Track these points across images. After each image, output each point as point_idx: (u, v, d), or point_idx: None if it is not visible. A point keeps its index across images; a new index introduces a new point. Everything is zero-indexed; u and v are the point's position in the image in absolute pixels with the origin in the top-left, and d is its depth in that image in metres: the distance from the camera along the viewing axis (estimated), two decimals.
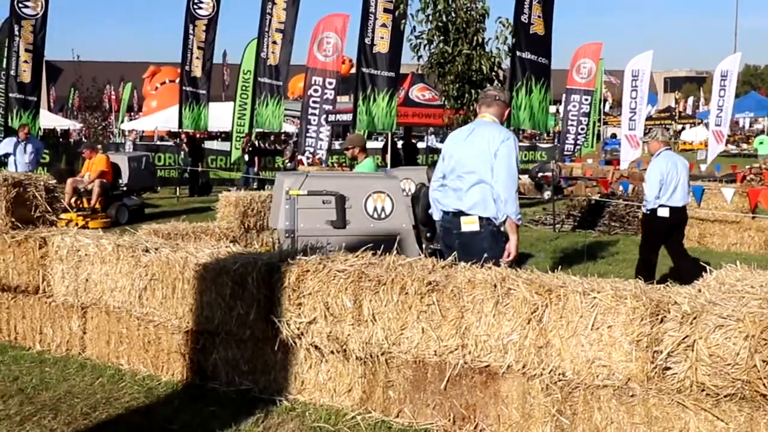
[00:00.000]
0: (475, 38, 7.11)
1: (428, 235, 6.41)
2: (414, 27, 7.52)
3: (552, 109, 40.33)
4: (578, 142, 23.30)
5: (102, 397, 5.06)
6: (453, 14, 7.08)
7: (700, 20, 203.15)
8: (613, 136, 41.49)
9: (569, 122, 22.75)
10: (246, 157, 20.15)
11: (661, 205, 7.95)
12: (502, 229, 5.45)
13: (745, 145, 44.31)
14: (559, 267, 6.94)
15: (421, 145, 28.42)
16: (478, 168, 5.36)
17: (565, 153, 22.84)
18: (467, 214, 5.42)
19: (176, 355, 5.35)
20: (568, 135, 23.03)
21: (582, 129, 23.18)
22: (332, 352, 4.82)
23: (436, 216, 5.72)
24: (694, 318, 3.90)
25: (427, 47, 7.29)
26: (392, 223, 6.21)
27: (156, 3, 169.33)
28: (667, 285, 4.39)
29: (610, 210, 14.12)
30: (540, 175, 20.03)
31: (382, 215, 6.20)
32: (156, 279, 5.34)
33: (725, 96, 26.12)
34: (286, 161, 20.87)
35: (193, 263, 5.16)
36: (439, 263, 4.87)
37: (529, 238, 12.88)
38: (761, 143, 32.62)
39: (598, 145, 32.39)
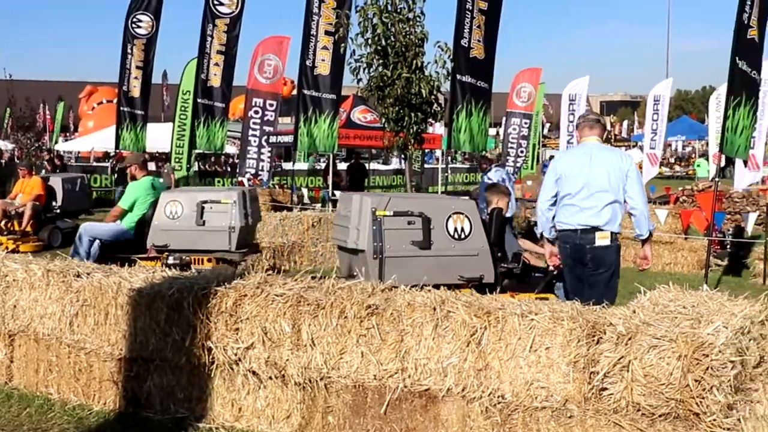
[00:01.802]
0: (414, 62, 7.15)
1: (499, 254, 6.55)
2: (353, 50, 7.55)
3: (492, 131, 40.93)
4: (518, 164, 23.61)
5: (29, 429, 4.87)
6: (392, 38, 7.12)
7: (633, 46, 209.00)
8: (552, 158, 42.15)
9: (509, 145, 23.06)
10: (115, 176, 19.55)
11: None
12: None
13: (678, 168, 45.47)
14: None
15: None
16: (612, 186, 5.78)
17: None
18: (601, 230, 5.78)
19: (108, 383, 5.20)
20: (508, 157, 23.33)
21: (522, 151, 23.52)
22: (270, 377, 4.74)
23: (548, 233, 6.08)
24: (629, 339, 3.96)
25: (366, 70, 7.31)
26: (472, 244, 6.30)
27: (94, 21, 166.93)
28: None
29: None
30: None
31: (462, 236, 6.29)
32: (88, 305, 5.20)
33: (658, 120, 26.79)
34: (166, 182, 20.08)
35: (127, 288, 5.04)
36: (378, 287, 4.85)
37: None
38: (699, 166, 33.51)
39: (538, 167, 32.89)
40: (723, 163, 30.76)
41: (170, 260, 7.52)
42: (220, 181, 21.63)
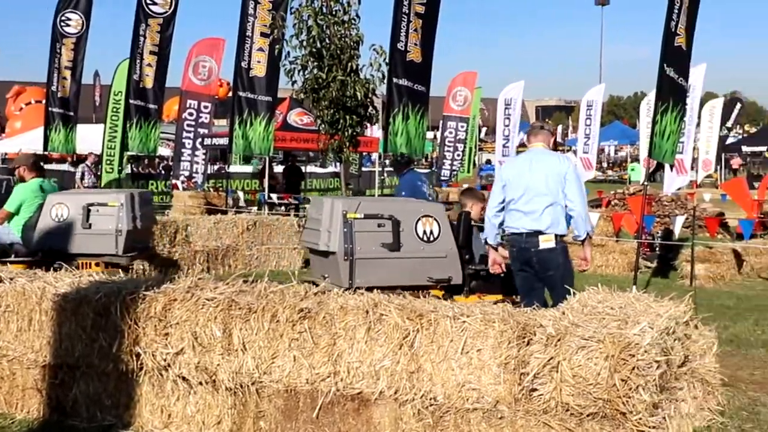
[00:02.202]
0: (350, 65, 7.13)
1: (467, 257, 6.61)
2: (288, 52, 7.49)
3: (429, 135, 41.19)
4: (454, 167, 23.82)
5: None
6: (327, 40, 7.09)
7: (568, 52, 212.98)
8: (488, 162, 42.62)
9: (446, 148, 23.26)
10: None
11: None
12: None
13: (611, 172, 46.48)
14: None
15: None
16: (551, 190, 5.91)
17: (442, 178, 23.29)
18: (544, 233, 5.91)
19: (32, 391, 5.04)
20: (444, 161, 23.53)
21: (458, 155, 23.74)
22: (201, 383, 4.67)
23: (492, 240, 6.17)
24: (559, 340, 4.01)
25: (301, 72, 7.28)
26: (440, 246, 6.39)
27: (22, 20, 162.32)
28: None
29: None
30: None
31: (431, 238, 6.38)
32: (10, 311, 5.03)
33: (591, 125, 27.38)
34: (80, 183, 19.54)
35: (52, 293, 4.90)
36: (311, 290, 4.82)
37: None
38: (633, 170, 34.33)
39: (474, 171, 33.24)
40: (653, 168, 31.60)
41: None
42: (153, 183, 21.20)
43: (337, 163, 8.78)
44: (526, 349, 4.08)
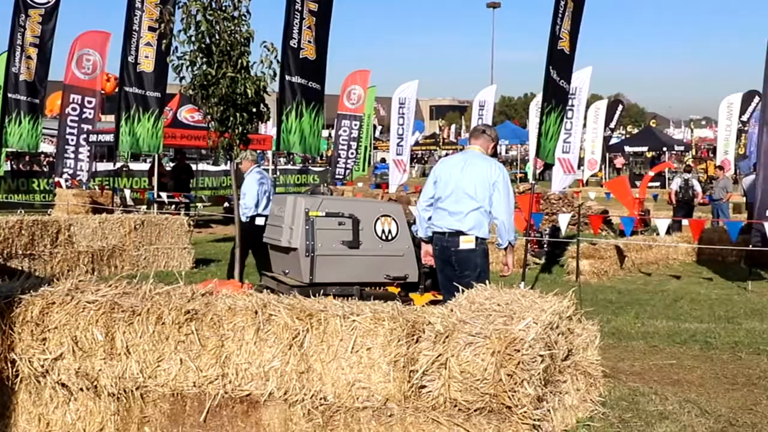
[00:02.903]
0: (240, 61, 7.00)
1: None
2: (176, 47, 7.30)
3: (325, 133, 41.14)
4: (349, 165, 23.87)
5: None
6: (217, 36, 6.94)
7: (461, 52, 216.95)
8: (383, 160, 42.95)
9: (340, 146, 23.29)
10: None
11: (258, 215, 8.93)
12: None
13: None
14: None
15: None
16: (477, 195, 5.99)
17: (337, 176, 23.31)
18: (466, 234, 6.00)
19: None
20: (339, 159, 23.55)
21: (352, 153, 23.80)
22: (82, 389, 4.48)
23: (423, 233, 6.24)
24: (447, 337, 4.06)
25: (189, 68, 7.09)
26: (398, 245, 6.65)
27: None
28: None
29: None
30: None
31: (389, 237, 6.64)
32: None
33: None
34: None
35: None
36: (198, 291, 4.71)
37: None
38: (529, 169, 35.17)
39: (369, 169, 33.42)
40: (542, 168, 32.56)
41: None
42: (35, 181, 20.29)
43: (227, 161, 8.61)
44: (415, 347, 4.11)
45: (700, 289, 10.73)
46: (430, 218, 6.24)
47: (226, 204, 17.24)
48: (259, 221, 8.77)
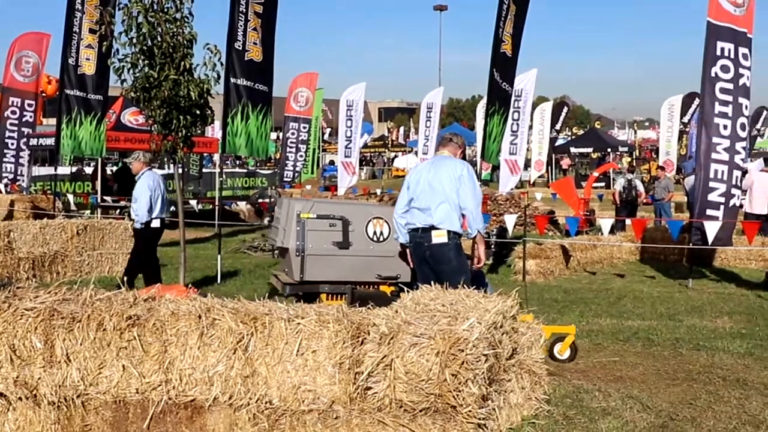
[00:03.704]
0: (183, 63, 6.92)
1: None
2: (117, 49, 7.19)
3: (273, 135, 40.89)
4: (297, 168, 23.75)
5: None
6: (159, 38, 6.84)
7: (409, 55, 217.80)
8: (332, 162, 42.93)
9: (288, 149, 23.15)
10: None
11: (154, 218, 9.04)
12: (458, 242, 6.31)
13: None
14: (277, 293, 7.02)
15: None
16: (445, 190, 6.20)
17: (285, 179, 23.18)
18: (438, 228, 6.17)
19: None
20: (287, 162, 23.41)
21: (301, 156, 23.68)
22: (20, 398, 4.39)
23: (403, 238, 6.43)
24: (392, 338, 4.07)
25: (131, 71, 6.98)
26: (389, 246, 6.83)
27: None
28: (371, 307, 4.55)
29: None
30: (259, 201, 20.13)
31: (381, 238, 6.89)
32: None
33: (431, 126, 28.14)
34: None
35: None
36: (141, 296, 4.65)
37: (248, 265, 12.83)
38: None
39: (318, 172, 33.35)
40: (489, 169, 32.91)
41: None
42: None
43: (169, 165, 8.54)
44: (360, 349, 4.12)
45: (642, 287, 10.94)
46: (407, 224, 6.44)
47: (172, 207, 17.04)
48: (155, 224, 9.03)
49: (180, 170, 8.46)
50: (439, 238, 6.22)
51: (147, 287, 6.98)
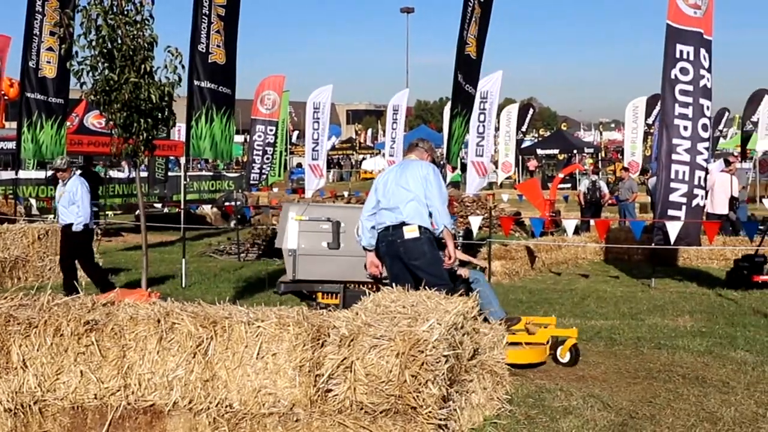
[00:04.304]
0: (143, 66, 6.86)
1: None
2: (76, 52, 7.10)
3: (240, 138, 40.68)
4: (264, 171, 23.62)
5: None
6: (119, 41, 6.78)
7: (377, 57, 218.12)
8: (299, 165, 42.82)
9: (255, 152, 22.99)
10: None
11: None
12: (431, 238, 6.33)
13: None
14: (242, 296, 7.02)
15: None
16: (412, 188, 6.31)
17: (252, 182, 23.04)
18: (408, 224, 6.24)
19: None
20: (254, 164, 23.27)
21: (268, 158, 23.55)
22: None
23: (366, 242, 6.51)
24: (352, 340, 4.08)
25: (91, 74, 6.91)
26: None
27: None
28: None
29: None
30: (226, 204, 20.02)
31: None
32: None
33: (397, 128, 28.19)
34: None
35: None
36: (99, 301, 4.60)
37: (214, 269, 12.76)
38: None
39: (285, 175, 33.24)
40: (453, 171, 33.01)
41: None
42: None
43: (131, 169, 8.47)
44: (320, 351, 4.12)
45: (606, 287, 11.06)
46: (373, 227, 6.49)
47: (137, 212, 16.89)
48: (80, 227, 9.20)
49: (145, 173, 8.40)
50: (411, 233, 6.26)
51: (104, 293, 6.95)
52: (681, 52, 10.32)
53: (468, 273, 7.24)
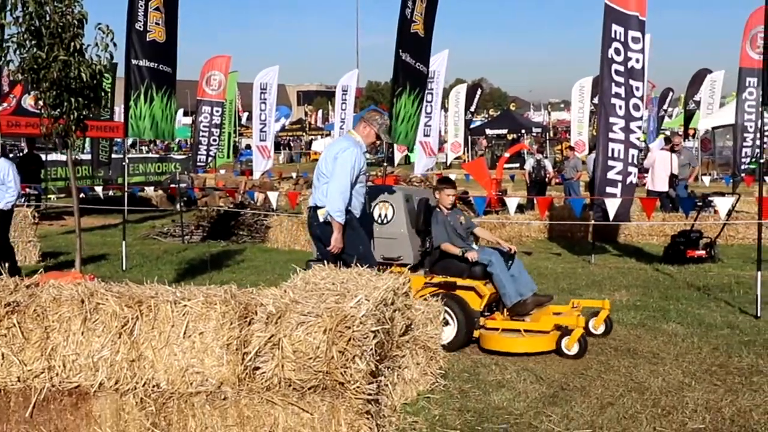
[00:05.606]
0: (72, 44, 6.70)
1: (427, 240, 7.15)
2: (2, 27, 6.90)
3: (188, 120, 40.12)
4: (211, 152, 23.35)
5: None
6: (46, 18, 6.61)
7: (327, 38, 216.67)
8: (248, 147, 42.42)
9: (201, 133, 22.71)
10: None
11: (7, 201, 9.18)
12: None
13: (368, 155, 47.90)
14: (184, 278, 6.93)
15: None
16: (328, 170, 6.23)
17: (198, 164, 22.77)
18: (321, 208, 6.23)
19: None
20: (200, 146, 22.97)
21: (214, 140, 23.28)
22: None
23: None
24: (279, 317, 4.07)
25: (17, 51, 6.73)
26: (392, 228, 7.08)
27: None
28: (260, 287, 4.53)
29: (239, 219, 14.36)
30: (171, 186, 19.77)
31: (385, 221, 7.11)
32: None
33: (347, 109, 28.08)
34: None
35: None
36: (22, 283, 4.52)
37: (156, 251, 12.62)
38: (411, 152, 35.53)
39: (234, 156, 32.91)
40: (404, 151, 33.06)
41: None
42: None
43: (66, 150, 8.28)
44: (248, 329, 4.11)
45: (548, 264, 11.20)
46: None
47: (81, 195, 16.58)
48: (7, 207, 9.22)
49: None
50: (322, 217, 6.21)
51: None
52: (615, 32, 10.44)
53: (514, 248, 7.25)
